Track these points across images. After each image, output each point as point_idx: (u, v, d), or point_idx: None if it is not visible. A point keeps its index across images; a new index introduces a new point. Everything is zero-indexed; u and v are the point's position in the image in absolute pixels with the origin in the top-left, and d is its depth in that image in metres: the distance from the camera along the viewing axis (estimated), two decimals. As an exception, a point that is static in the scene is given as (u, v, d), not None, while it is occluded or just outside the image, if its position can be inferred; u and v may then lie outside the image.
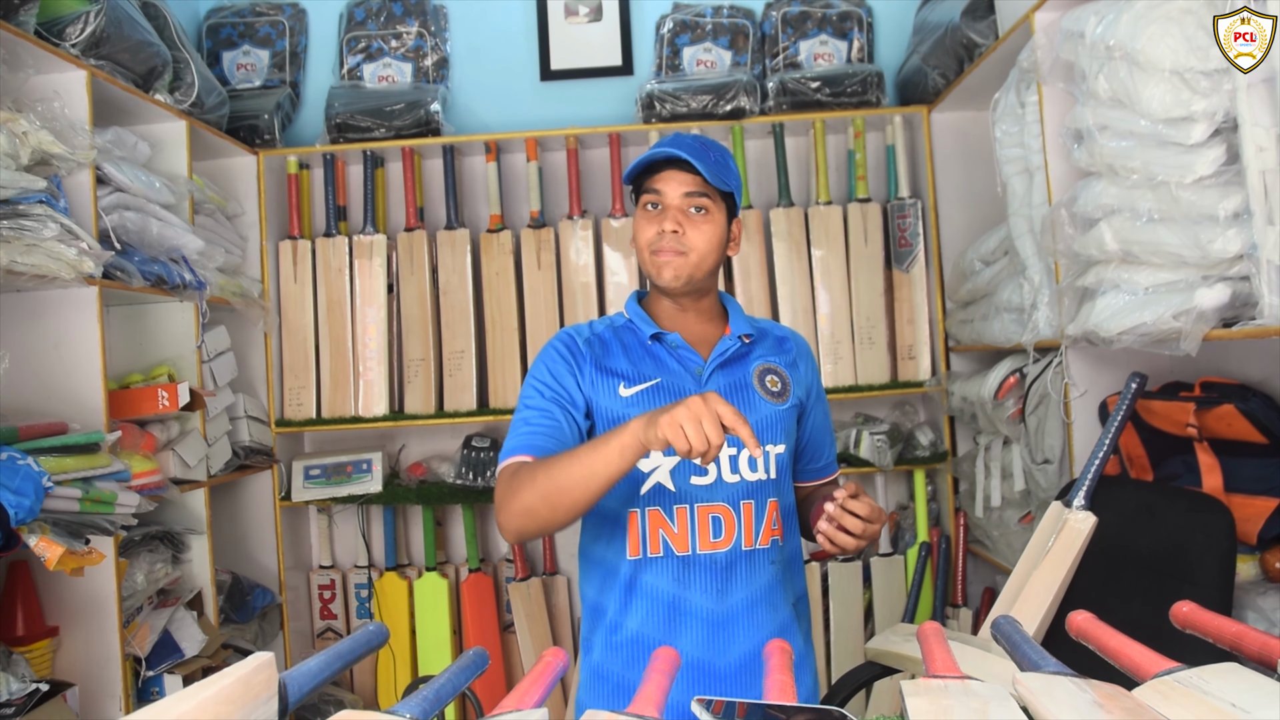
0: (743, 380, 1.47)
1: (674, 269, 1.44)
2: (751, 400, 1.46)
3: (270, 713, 0.70)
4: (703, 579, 1.42)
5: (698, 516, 1.41)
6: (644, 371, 1.46)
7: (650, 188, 1.46)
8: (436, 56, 3.09)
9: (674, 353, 1.47)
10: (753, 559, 1.43)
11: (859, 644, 2.80)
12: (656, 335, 1.48)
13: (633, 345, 1.50)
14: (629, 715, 0.76)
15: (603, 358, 1.47)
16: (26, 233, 1.77)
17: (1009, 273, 2.36)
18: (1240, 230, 1.44)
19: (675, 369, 1.46)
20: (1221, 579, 1.46)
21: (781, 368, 1.51)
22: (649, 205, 1.46)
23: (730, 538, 1.42)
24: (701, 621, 1.42)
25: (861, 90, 2.88)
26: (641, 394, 1.44)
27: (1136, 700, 0.72)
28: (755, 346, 1.52)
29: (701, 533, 1.41)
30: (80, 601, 1.98)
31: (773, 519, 1.45)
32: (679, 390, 1.44)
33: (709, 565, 1.41)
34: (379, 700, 2.96)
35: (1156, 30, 1.52)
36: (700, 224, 1.44)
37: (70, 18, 2.05)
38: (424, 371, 2.89)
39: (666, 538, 1.42)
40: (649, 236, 1.45)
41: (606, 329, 1.53)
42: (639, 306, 1.53)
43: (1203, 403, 1.67)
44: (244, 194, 2.89)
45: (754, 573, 1.43)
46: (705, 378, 1.46)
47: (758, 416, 1.45)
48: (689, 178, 1.43)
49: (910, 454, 2.89)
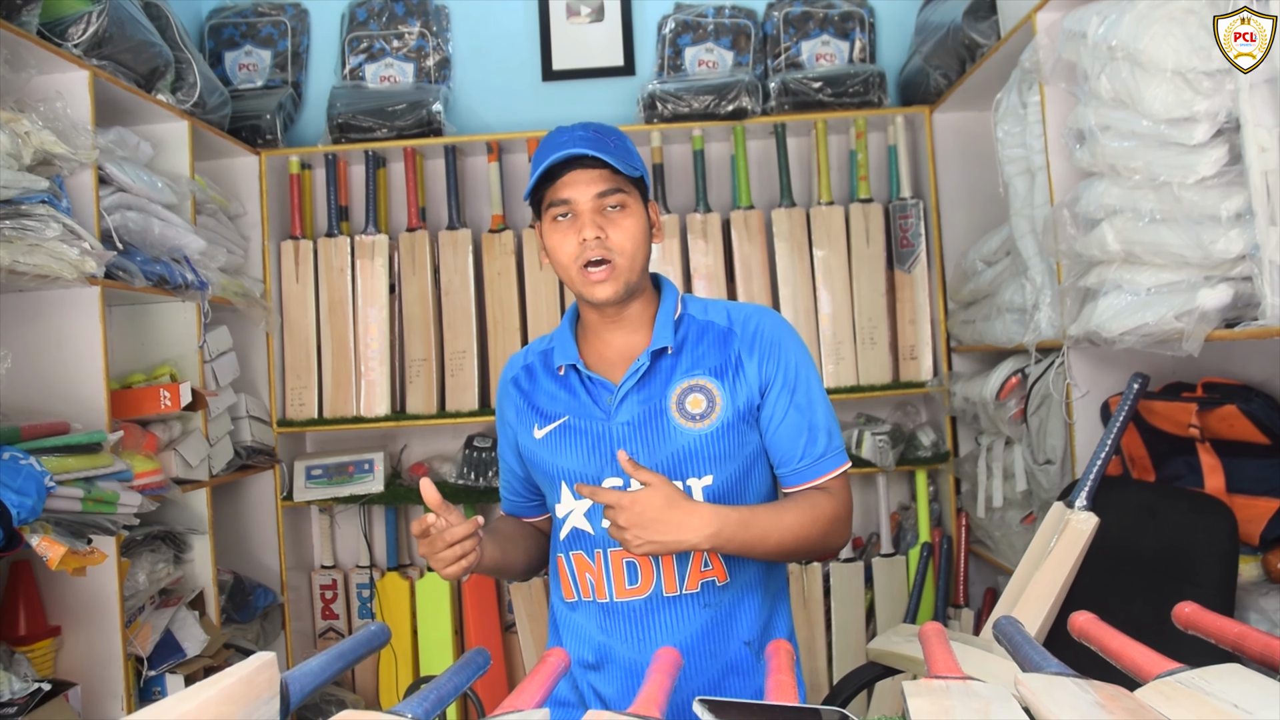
0: (657, 407, 1.30)
1: (609, 285, 1.29)
2: (667, 429, 1.29)
3: (272, 712, 0.70)
4: (624, 628, 1.31)
5: (612, 561, 1.30)
6: (557, 409, 1.36)
7: (556, 198, 1.29)
8: (438, 57, 3.09)
9: (586, 383, 1.35)
10: (677, 605, 1.30)
11: (860, 644, 2.80)
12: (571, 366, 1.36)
13: (553, 375, 1.40)
14: (629, 715, 0.76)
15: (529, 393, 1.41)
16: (29, 233, 1.77)
17: (1011, 273, 2.36)
18: (1242, 231, 1.44)
19: (585, 403, 1.34)
20: (1223, 580, 1.46)
21: (710, 379, 1.31)
22: (558, 217, 1.30)
23: (648, 584, 1.29)
24: (625, 671, 1.32)
25: (863, 90, 2.88)
26: (551, 434, 1.35)
27: (1138, 701, 0.72)
28: (682, 357, 1.33)
29: (617, 579, 1.30)
30: (82, 601, 1.98)
31: (702, 559, 1.30)
32: (585, 428, 1.33)
33: (627, 613, 1.31)
34: (380, 700, 2.96)
35: (1159, 30, 1.52)
36: (622, 221, 1.29)
37: (72, 18, 2.05)
38: (426, 371, 2.89)
39: (592, 582, 1.33)
40: (571, 251, 1.29)
41: (538, 356, 1.44)
42: (570, 327, 1.41)
43: (1205, 403, 1.67)
44: (246, 194, 2.89)
45: (680, 621, 1.30)
46: (614, 408, 1.32)
47: (674, 447, 1.29)
48: (596, 174, 1.28)
49: (912, 454, 2.88)
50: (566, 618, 1.39)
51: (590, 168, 1.28)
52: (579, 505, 1.33)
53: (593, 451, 1.32)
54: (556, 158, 1.27)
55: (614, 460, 1.30)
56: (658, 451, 1.29)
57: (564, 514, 1.35)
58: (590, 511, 1.32)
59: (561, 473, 1.34)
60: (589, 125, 1.32)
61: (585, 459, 1.32)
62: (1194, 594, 0.98)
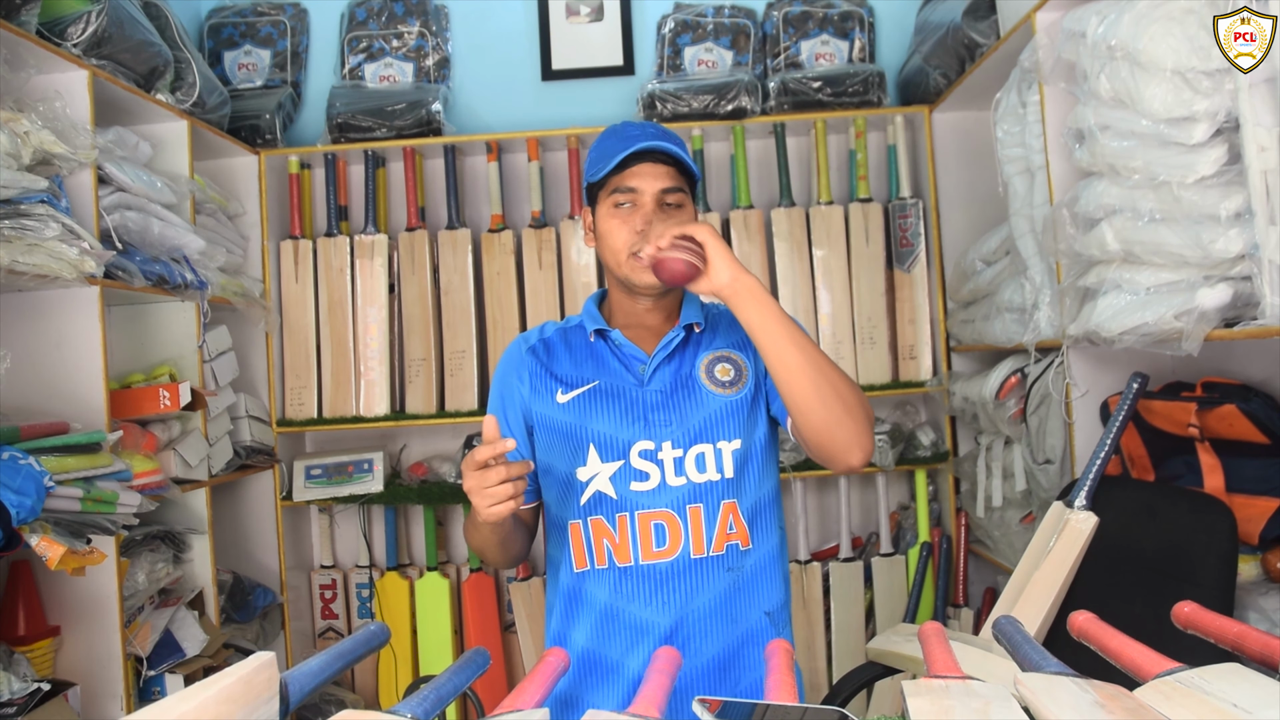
0: (688, 375, 1.38)
1: None
2: (698, 395, 1.37)
3: (271, 712, 0.70)
4: (647, 591, 1.33)
5: (639, 524, 1.33)
6: (584, 374, 1.40)
7: (623, 186, 1.35)
8: (438, 56, 3.09)
9: (617, 351, 1.40)
10: (703, 568, 1.33)
11: (860, 644, 2.80)
12: (599, 332, 1.41)
13: (578, 346, 1.44)
14: (629, 715, 0.76)
15: (547, 363, 1.42)
16: (28, 232, 1.77)
17: (1010, 273, 2.36)
18: (1242, 230, 1.44)
19: (616, 369, 1.40)
20: (1223, 579, 1.46)
21: (735, 351, 1.41)
22: (620, 204, 1.36)
23: (676, 546, 1.33)
24: (648, 637, 1.33)
25: (863, 90, 2.88)
26: (579, 398, 1.38)
27: (1138, 701, 0.72)
28: (707, 334, 1.42)
29: (644, 542, 1.33)
30: (82, 601, 1.98)
31: (728, 522, 1.35)
32: (619, 391, 1.37)
33: (653, 577, 1.32)
34: (380, 700, 2.96)
35: (1158, 30, 1.52)
36: (678, 218, 1.35)
37: (72, 18, 2.05)
38: (425, 371, 2.89)
39: (610, 548, 1.34)
40: (625, 238, 1.35)
41: (557, 332, 1.47)
42: (595, 307, 1.46)
43: (1204, 403, 1.67)
44: (245, 194, 2.89)
45: (705, 583, 1.33)
46: (648, 376, 1.38)
47: (706, 412, 1.36)
48: (664, 170, 1.34)
49: (911, 454, 2.88)
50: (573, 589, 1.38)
51: (658, 163, 1.34)
52: (605, 469, 1.35)
53: (625, 415, 1.36)
54: (637, 148, 1.33)
55: (646, 424, 1.35)
56: (690, 417, 1.35)
57: (587, 478, 1.36)
58: (615, 475, 1.35)
59: (591, 435, 1.36)
60: (651, 124, 1.40)
61: (617, 422, 1.36)
62: (1193, 593, 0.98)
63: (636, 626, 1.34)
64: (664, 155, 1.34)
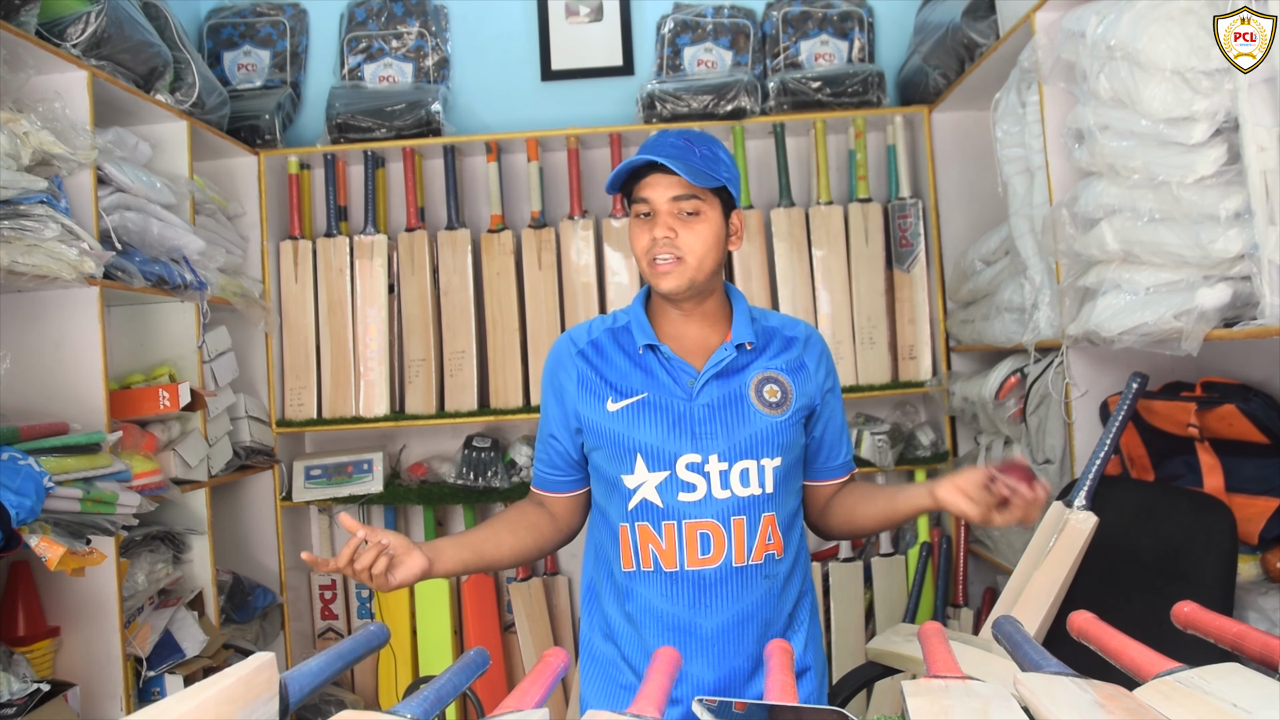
0: (738, 393, 1.43)
1: (674, 278, 1.40)
2: (747, 413, 1.42)
3: (271, 713, 0.70)
4: (690, 595, 1.41)
5: (685, 533, 1.40)
6: (633, 385, 1.44)
7: (639, 196, 1.43)
8: (437, 57, 3.09)
9: (666, 364, 1.44)
10: (744, 575, 1.42)
11: (860, 644, 2.80)
12: (650, 346, 1.45)
13: (628, 352, 1.48)
14: (629, 715, 0.76)
15: (598, 365, 1.47)
16: (28, 233, 1.77)
17: (1010, 273, 2.36)
18: (1241, 230, 1.44)
19: (665, 383, 1.44)
20: (1223, 579, 1.46)
21: (783, 374, 1.46)
22: (641, 214, 1.43)
23: (720, 554, 1.40)
24: (691, 637, 1.42)
25: (862, 90, 2.88)
26: (628, 409, 1.43)
27: (1138, 700, 0.72)
28: (757, 353, 1.47)
29: (690, 549, 1.40)
30: (81, 602, 1.98)
31: (767, 534, 1.43)
32: (666, 406, 1.42)
33: (696, 581, 1.41)
34: (380, 700, 2.96)
35: (1157, 30, 1.52)
36: (694, 225, 1.41)
37: (71, 18, 2.05)
38: (425, 372, 2.89)
39: (656, 553, 1.42)
40: (644, 245, 1.42)
41: (605, 333, 1.51)
42: (642, 309, 1.50)
43: (1204, 403, 1.67)
44: (245, 194, 2.89)
45: (745, 589, 1.42)
46: (697, 391, 1.42)
47: (752, 430, 1.42)
48: (674, 180, 1.40)
49: (911, 454, 2.88)
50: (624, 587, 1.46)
51: (670, 173, 1.39)
52: (651, 478, 1.41)
53: (673, 428, 1.41)
54: (635, 161, 1.40)
55: (693, 437, 1.41)
56: (736, 433, 1.41)
57: (635, 485, 1.41)
58: (662, 485, 1.40)
59: (639, 445, 1.41)
60: (685, 133, 1.44)
61: (665, 435, 1.41)
62: (1193, 593, 0.98)
63: (679, 627, 1.42)
64: None
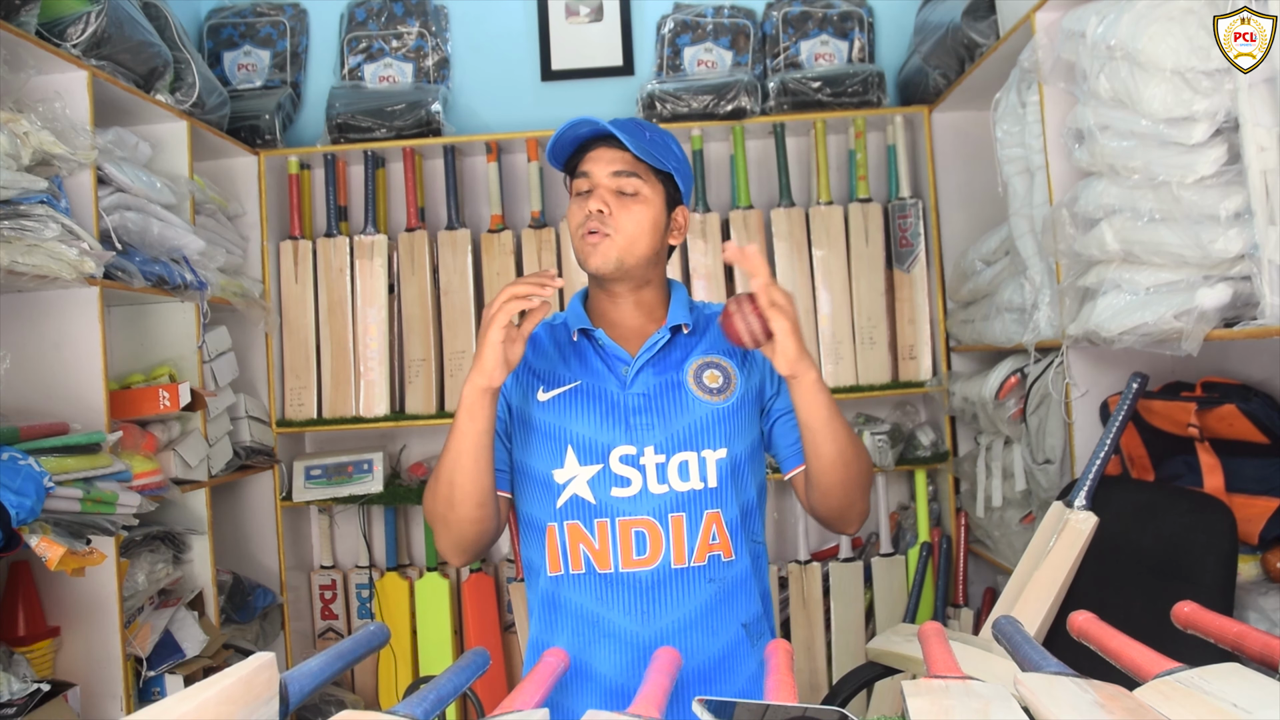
0: (675, 379, 1.35)
1: (601, 253, 1.33)
2: (685, 401, 1.34)
3: (271, 713, 0.70)
4: (626, 599, 1.29)
5: (619, 531, 1.29)
6: (565, 373, 1.38)
7: (579, 171, 1.37)
8: (437, 57, 3.09)
9: (600, 351, 1.38)
10: (684, 578, 1.30)
11: (860, 644, 2.80)
12: (583, 331, 1.39)
13: (563, 344, 1.42)
14: (629, 715, 0.76)
15: (530, 358, 1.41)
16: (28, 233, 1.77)
17: (1010, 273, 2.36)
18: (1241, 230, 1.44)
19: (599, 369, 1.37)
20: (1223, 579, 1.46)
21: (725, 358, 1.38)
22: (581, 191, 1.38)
23: (656, 555, 1.29)
24: (625, 645, 1.30)
25: (862, 90, 2.88)
26: (560, 397, 1.36)
27: (1138, 701, 0.72)
28: (697, 337, 1.40)
29: (624, 549, 1.29)
30: (81, 602, 1.98)
31: (711, 533, 1.31)
32: (600, 392, 1.35)
33: (632, 585, 1.29)
34: (380, 700, 2.96)
35: (1158, 30, 1.52)
36: (630, 206, 1.34)
37: (71, 18, 2.05)
38: (425, 372, 2.89)
39: (588, 553, 1.31)
40: (577, 220, 1.36)
41: (543, 327, 1.46)
42: (580, 304, 1.45)
43: (1204, 403, 1.67)
44: (245, 194, 2.89)
45: (686, 593, 1.30)
46: (631, 377, 1.35)
47: (691, 418, 1.33)
48: (617, 155, 1.34)
49: (911, 454, 2.88)
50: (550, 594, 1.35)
51: (612, 148, 1.35)
52: (583, 472, 1.32)
53: (605, 417, 1.33)
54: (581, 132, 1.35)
55: (627, 428, 1.32)
56: (674, 422, 1.32)
57: (565, 480, 1.32)
58: (594, 479, 1.31)
59: (570, 436, 1.33)
60: (638, 120, 1.40)
61: (598, 424, 1.33)
62: (1193, 593, 0.98)
63: (616, 634, 1.31)
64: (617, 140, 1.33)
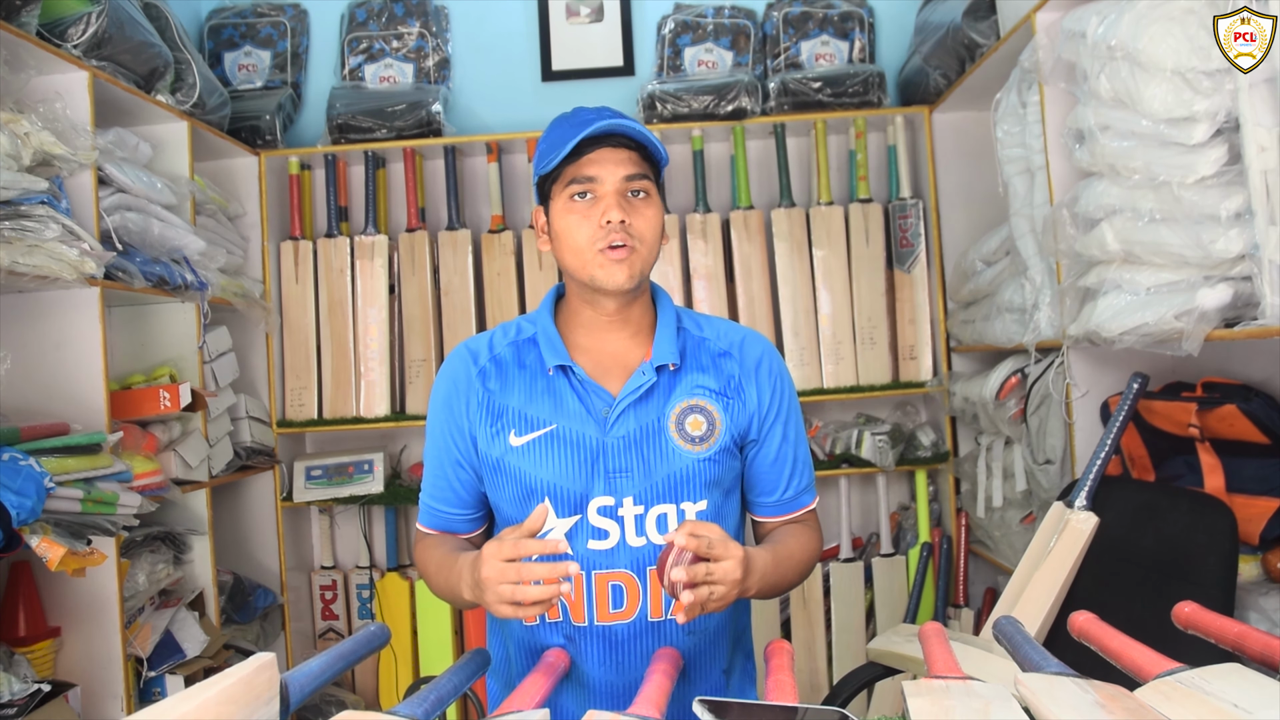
0: (655, 425, 1.23)
1: (627, 268, 1.19)
2: (665, 449, 1.22)
3: (272, 713, 0.70)
4: (600, 652, 1.23)
5: (595, 585, 1.21)
6: (540, 415, 1.23)
7: (580, 175, 1.20)
8: (438, 57, 3.09)
9: (579, 388, 1.24)
10: (661, 631, 1.23)
11: (860, 644, 2.80)
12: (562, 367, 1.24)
13: (534, 372, 1.26)
14: (629, 715, 0.76)
15: (497, 392, 1.26)
16: (28, 233, 1.77)
17: (1010, 273, 2.36)
18: (1242, 230, 1.44)
19: (576, 411, 1.23)
20: (1223, 579, 1.46)
21: (711, 402, 1.25)
22: (576, 196, 1.21)
23: (634, 608, 1.22)
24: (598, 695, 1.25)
25: (863, 90, 2.88)
26: (534, 443, 1.22)
27: (1138, 701, 0.72)
28: (682, 374, 1.26)
29: (600, 602, 1.21)
30: (82, 602, 1.98)
31: None
32: (578, 440, 1.21)
33: (607, 638, 1.22)
34: (380, 701, 2.96)
35: (1158, 30, 1.52)
36: (643, 210, 1.21)
37: (72, 19, 2.05)
38: (426, 372, 2.89)
39: (564, 605, 1.23)
40: (590, 234, 1.19)
41: (509, 347, 1.29)
42: (551, 318, 1.29)
43: (1204, 403, 1.67)
44: (245, 195, 2.89)
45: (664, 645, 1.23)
46: (611, 422, 1.22)
47: (671, 469, 1.22)
48: (626, 155, 1.20)
49: (912, 454, 2.88)
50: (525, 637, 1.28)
51: (619, 148, 1.20)
52: (560, 524, 1.22)
53: (583, 465, 1.22)
54: (594, 130, 1.17)
55: (606, 475, 1.22)
56: (655, 472, 1.22)
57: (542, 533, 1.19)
58: (571, 531, 1.22)
59: (546, 488, 1.22)
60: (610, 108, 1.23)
61: (574, 473, 1.22)
62: (1194, 594, 0.98)
63: (586, 684, 1.25)
64: (624, 139, 1.20)
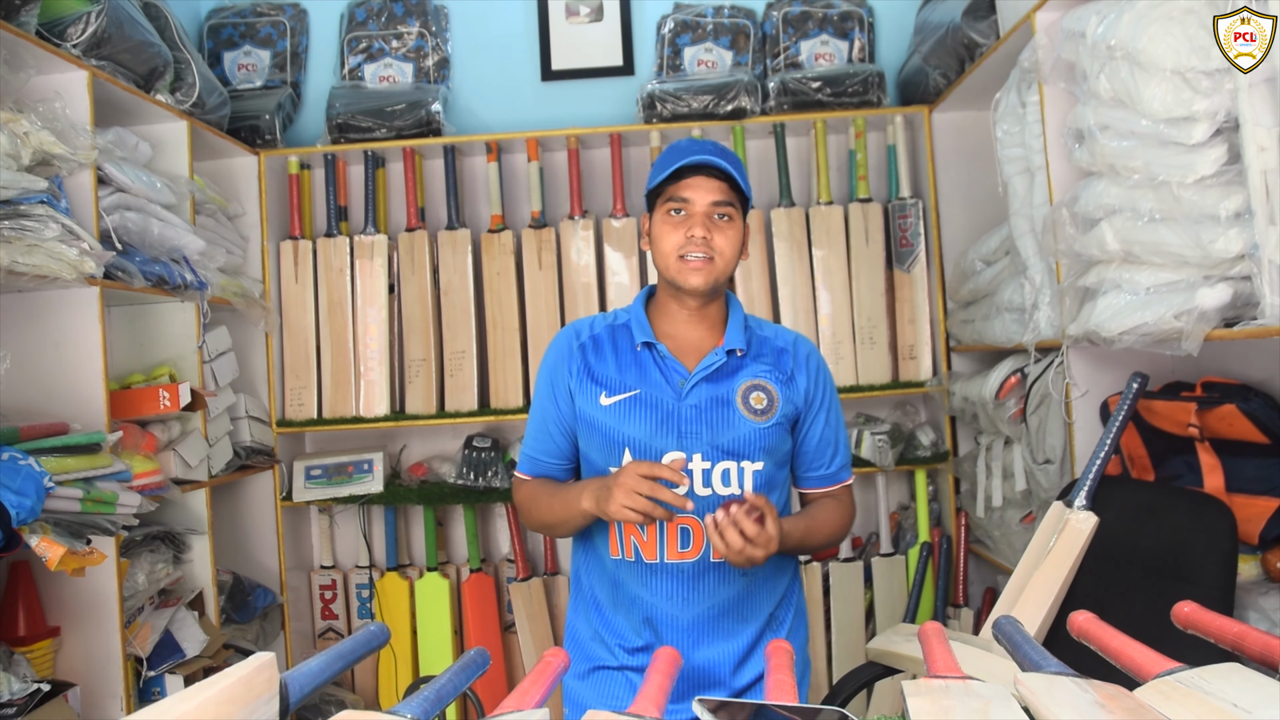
0: (725, 397, 1.49)
1: (703, 275, 1.46)
2: (731, 417, 1.48)
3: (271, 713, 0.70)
4: (668, 586, 1.47)
5: (666, 527, 1.46)
6: (626, 380, 1.50)
7: (678, 195, 1.48)
8: (437, 57, 3.09)
9: (660, 362, 1.51)
10: (722, 570, 1.47)
11: (860, 644, 2.80)
12: (647, 344, 1.51)
13: (624, 349, 1.54)
14: (629, 715, 0.76)
15: (593, 362, 1.53)
16: (28, 233, 1.77)
17: (1010, 273, 2.36)
18: (1241, 230, 1.44)
19: (657, 380, 1.49)
20: (1223, 579, 1.46)
21: (771, 383, 1.52)
22: (672, 211, 1.48)
23: (698, 548, 1.46)
24: (667, 627, 1.48)
25: (862, 90, 2.88)
26: (621, 404, 1.49)
27: (1138, 701, 0.72)
28: (748, 360, 1.53)
29: (670, 542, 1.46)
30: (81, 602, 1.98)
31: None
32: (658, 403, 1.48)
33: (675, 574, 1.47)
34: (380, 700, 2.96)
35: (1158, 30, 1.52)
36: (726, 230, 1.48)
37: (71, 18, 2.05)
38: (425, 372, 2.89)
39: (637, 545, 1.47)
40: (676, 242, 1.47)
41: (605, 329, 1.57)
42: (643, 308, 1.56)
43: (1204, 403, 1.67)
44: (245, 194, 2.89)
45: (723, 583, 1.48)
46: (686, 391, 1.48)
47: (736, 433, 1.47)
48: (716, 185, 1.46)
49: (911, 454, 2.88)
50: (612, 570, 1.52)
51: (712, 178, 1.46)
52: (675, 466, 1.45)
53: (660, 425, 1.47)
54: (691, 160, 1.45)
55: (679, 435, 1.47)
56: (721, 435, 1.47)
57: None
58: None
59: (626, 439, 1.48)
60: (715, 143, 1.51)
61: (652, 431, 1.47)
62: (1193, 593, 0.98)
63: (656, 618, 1.48)
64: (717, 170, 1.46)
